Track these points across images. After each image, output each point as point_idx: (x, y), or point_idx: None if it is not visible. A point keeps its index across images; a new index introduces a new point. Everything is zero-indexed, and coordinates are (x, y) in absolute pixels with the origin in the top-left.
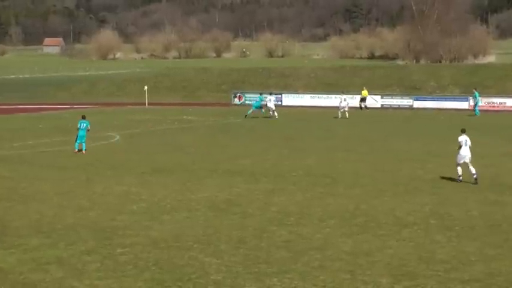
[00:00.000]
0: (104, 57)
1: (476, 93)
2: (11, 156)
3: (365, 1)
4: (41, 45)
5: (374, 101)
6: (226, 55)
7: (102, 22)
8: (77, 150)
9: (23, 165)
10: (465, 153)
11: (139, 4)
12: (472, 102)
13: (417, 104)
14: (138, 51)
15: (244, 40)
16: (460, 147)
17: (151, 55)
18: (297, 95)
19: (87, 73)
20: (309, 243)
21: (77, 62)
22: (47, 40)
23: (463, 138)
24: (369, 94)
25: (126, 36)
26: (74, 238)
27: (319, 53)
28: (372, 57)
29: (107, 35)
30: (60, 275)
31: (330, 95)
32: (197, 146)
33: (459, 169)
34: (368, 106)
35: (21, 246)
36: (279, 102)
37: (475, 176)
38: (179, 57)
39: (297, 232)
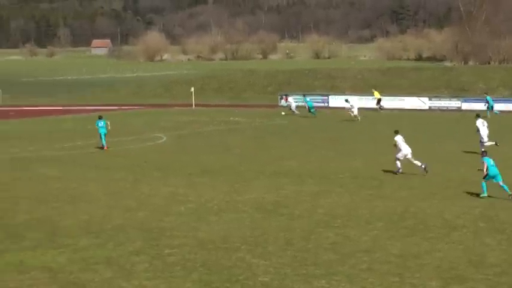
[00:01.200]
0: (151, 58)
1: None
2: (61, 157)
3: (412, 2)
4: (89, 47)
5: (422, 103)
6: (272, 57)
7: (149, 24)
8: (106, 147)
9: (73, 165)
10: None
11: (185, 6)
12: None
13: (465, 106)
14: (184, 52)
15: (291, 42)
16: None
17: (198, 57)
18: (344, 96)
19: (135, 74)
20: (357, 245)
21: (125, 63)
22: (95, 42)
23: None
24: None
25: (172, 38)
26: (122, 238)
27: (366, 54)
28: (419, 58)
29: (154, 37)
30: (109, 275)
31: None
32: (244, 147)
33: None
34: (382, 107)
35: (71, 246)
36: (325, 104)
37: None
38: (225, 59)
39: (344, 234)
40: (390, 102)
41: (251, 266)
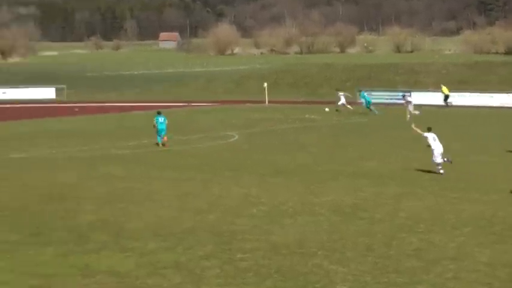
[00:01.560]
0: (221, 52)
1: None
2: (126, 156)
3: None
4: (157, 40)
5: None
6: (350, 50)
7: (220, 16)
8: (160, 143)
9: (138, 165)
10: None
11: None
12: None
13: None
14: (257, 46)
15: (370, 34)
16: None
17: (271, 50)
18: (428, 92)
19: (204, 69)
20: (442, 252)
21: (194, 57)
22: (163, 35)
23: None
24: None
25: (244, 30)
26: (192, 242)
27: (451, 47)
28: (509, 52)
29: (224, 29)
30: (178, 281)
31: (463, 93)
32: (320, 146)
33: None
34: (450, 103)
35: (138, 249)
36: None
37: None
38: (300, 53)
39: (429, 240)
40: (477, 99)
41: (328, 273)
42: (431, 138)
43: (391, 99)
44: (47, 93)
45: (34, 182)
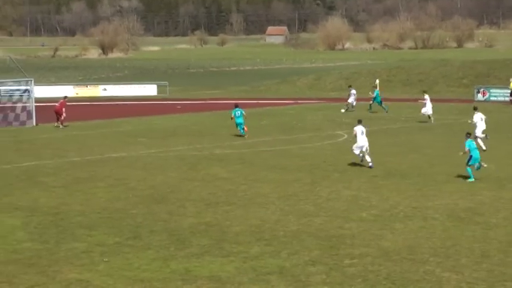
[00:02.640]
0: (331, 47)
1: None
2: (229, 156)
3: None
4: (264, 35)
5: None
6: (468, 45)
7: (330, 9)
8: (246, 136)
9: (243, 165)
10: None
11: None
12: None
13: None
14: (369, 40)
15: (490, 28)
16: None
17: (384, 45)
18: None
19: (313, 65)
20: None
21: (302, 52)
22: (270, 29)
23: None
24: None
25: (356, 24)
26: (297, 247)
27: None
28: None
29: (335, 23)
30: (282, 287)
31: None
32: (435, 147)
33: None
34: None
35: (241, 254)
36: None
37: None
38: (415, 48)
39: None
40: None
41: (441, 281)
42: (359, 131)
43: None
44: (149, 90)
45: (134, 183)
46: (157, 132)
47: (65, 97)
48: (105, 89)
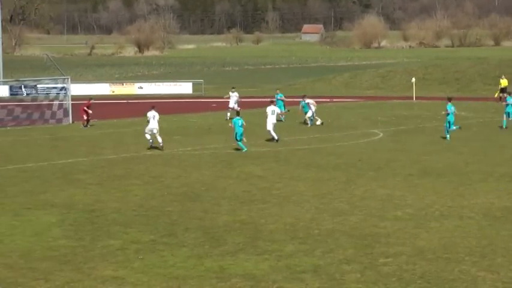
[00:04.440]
0: (367, 45)
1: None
2: (264, 154)
3: None
4: (299, 33)
5: None
6: (506, 43)
7: (366, 7)
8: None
9: (278, 163)
10: (153, 126)
11: None
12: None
13: None
14: (405, 38)
15: None
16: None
17: (420, 43)
18: None
19: (349, 63)
20: None
21: (338, 50)
22: (306, 27)
23: (151, 114)
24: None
25: (392, 22)
26: (331, 245)
27: None
28: None
29: (371, 21)
30: (316, 285)
31: None
32: (471, 145)
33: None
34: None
35: (275, 252)
36: None
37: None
38: (452, 46)
39: None
40: None
41: (476, 280)
42: (151, 116)
43: None
44: (184, 88)
45: (169, 181)
46: (192, 130)
47: (90, 99)
48: (140, 87)
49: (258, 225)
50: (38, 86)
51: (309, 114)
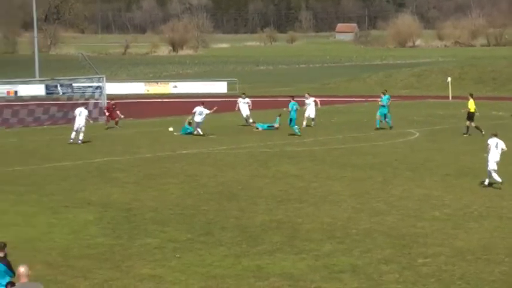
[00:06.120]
0: (402, 44)
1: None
2: (300, 153)
3: None
4: (333, 32)
5: None
6: None
7: (401, 6)
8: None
9: (314, 163)
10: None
11: None
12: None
13: None
14: (440, 38)
15: None
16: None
17: (456, 42)
18: None
19: (383, 62)
20: None
21: (372, 49)
22: (340, 26)
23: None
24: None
25: (427, 21)
26: (369, 245)
27: None
28: None
29: (405, 20)
30: (354, 285)
31: None
32: (508, 146)
33: None
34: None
35: (313, 251)
36: None
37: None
38: (488, 45)
39: None
40: None
41: None
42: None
43: None
44: (219, 87)
45: (205, 180)
46: (227, 129)
47: (112, 99)
48: (175, 86)
49: (295, 225)
50: (73, 84)
51: (307, 114)
